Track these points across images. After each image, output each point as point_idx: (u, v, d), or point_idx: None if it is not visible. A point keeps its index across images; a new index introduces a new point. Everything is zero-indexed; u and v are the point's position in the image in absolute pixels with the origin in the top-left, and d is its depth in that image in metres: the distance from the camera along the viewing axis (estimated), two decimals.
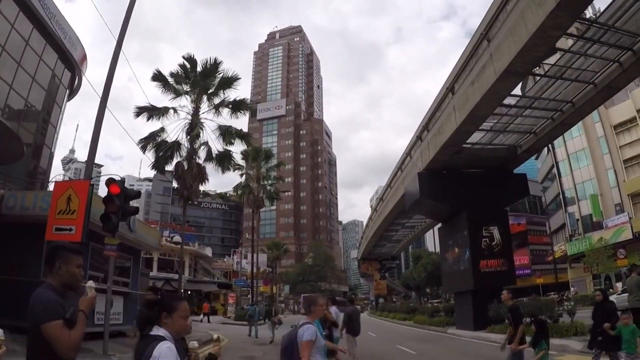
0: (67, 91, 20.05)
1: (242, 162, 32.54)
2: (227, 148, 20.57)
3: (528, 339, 6.28)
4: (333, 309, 8.47)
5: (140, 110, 19.17)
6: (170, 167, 19.95)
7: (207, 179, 20.17)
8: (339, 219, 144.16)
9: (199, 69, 19.48)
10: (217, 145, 33.20)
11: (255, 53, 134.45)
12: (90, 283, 2.53)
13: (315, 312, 4.04)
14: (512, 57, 12.59)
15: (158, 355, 2.12)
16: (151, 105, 19.42)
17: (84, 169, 17.17)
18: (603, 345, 6.53)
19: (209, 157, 20.32)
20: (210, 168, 21.17)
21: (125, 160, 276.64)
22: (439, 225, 27.37)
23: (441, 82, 25.57)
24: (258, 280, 41.16)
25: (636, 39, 12.50)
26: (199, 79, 19.45)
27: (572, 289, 36.76)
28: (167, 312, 2.31)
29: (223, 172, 20.77)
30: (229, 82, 19.80)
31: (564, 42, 14.28)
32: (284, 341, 3.96)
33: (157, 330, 2.27)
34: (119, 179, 9.85)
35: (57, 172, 75.83)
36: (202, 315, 32.14)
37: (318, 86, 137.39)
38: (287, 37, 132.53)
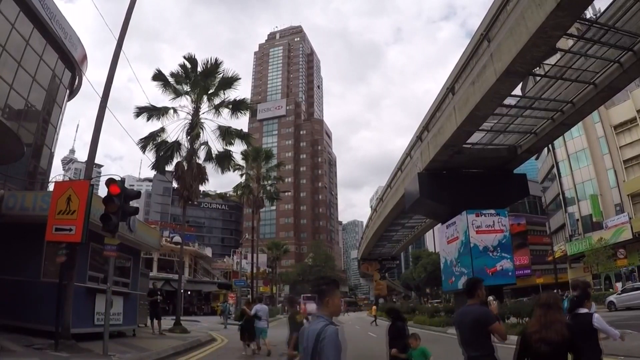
0: (68, 91, 20.01)
1: (242, 162, 32.44)
2: (227, 148, 20.57)
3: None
4: (257, 306, 11.57)
5: (140, 111, 19.16)
6: (170, 167, 19.97)
7: (207, 179, 20.19)
8: (339, 219, 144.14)
9: (199, 69, 19.47)
10: (217, 146, 33.26)
11: (255, 53, 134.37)
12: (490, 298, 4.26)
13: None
14: (512, 57, 12.60)
15: (596, 320, 3.43)
16: (151, 105, 19.41)
17: (84, 169, 17.17)
18: None
19: (209, 157, 20.31)
20: (210, 168, 21.17)
21: (125, 160, 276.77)
22: (439, 225, 27.37)
23: (441, 82, 25.56)
24: (258, 281, 41.16)
25: (636, 39, 12.50)
26: (200, 79, 19.45)
27: (555, 291, 36.57)
28: (588, 299, 3.82)
29: (223, 172, 20.77)
30: (229, 82, 19.78)
31: (564, 43, 14.30)
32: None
33: (581, 310, 3.62)
34: (119, 179, 9.86)
35: (57, 172, 75.76)
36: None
37: (318, 86, 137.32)
38: (288, 37, 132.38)
